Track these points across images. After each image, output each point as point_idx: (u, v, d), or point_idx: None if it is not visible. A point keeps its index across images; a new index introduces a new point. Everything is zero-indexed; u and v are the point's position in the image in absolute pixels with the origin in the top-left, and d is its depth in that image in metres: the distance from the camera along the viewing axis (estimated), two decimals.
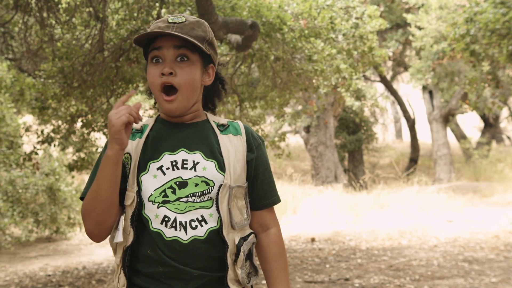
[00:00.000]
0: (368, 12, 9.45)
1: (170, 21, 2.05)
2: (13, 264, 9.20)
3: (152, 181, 2.04)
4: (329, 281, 7.11)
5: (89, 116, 8.38)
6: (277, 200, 2.21)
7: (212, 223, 2.02)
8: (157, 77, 2.04)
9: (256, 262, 2.16)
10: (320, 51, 7.99)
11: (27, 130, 10.00)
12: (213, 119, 2.18)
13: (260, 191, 2.16)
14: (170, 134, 2.11)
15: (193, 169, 2.04)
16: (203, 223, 2.02)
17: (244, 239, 2.08)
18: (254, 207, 2.16)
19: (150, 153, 2.08)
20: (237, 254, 2.06)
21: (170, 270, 2.00)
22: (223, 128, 2.14)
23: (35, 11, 7.41)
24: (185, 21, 2.06)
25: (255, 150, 2.14)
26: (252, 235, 2.13)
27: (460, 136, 25.04)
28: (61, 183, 10.61)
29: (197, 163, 2.04)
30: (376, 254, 8.63)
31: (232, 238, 2.05)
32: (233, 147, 2.09)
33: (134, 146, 2.10)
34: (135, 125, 2.13)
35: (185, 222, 2.00)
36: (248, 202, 2.14)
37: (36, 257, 9.74)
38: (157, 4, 6.98)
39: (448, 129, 22.99)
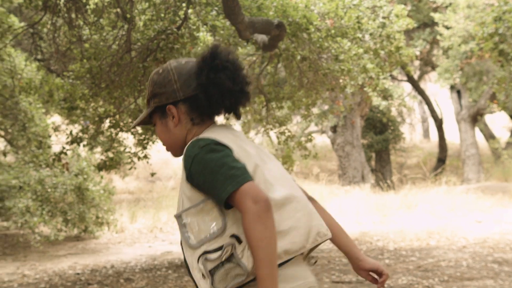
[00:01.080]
0: (395, 11, 9.40)
1: None
2: (42, 262, 9.30)
3: None
4: (356, 281, 7.09)
5: (117, 116, 8.45)
6: (221, 195, 2.02)
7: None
8: None
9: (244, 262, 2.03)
10: (346, 50, 7.96)
11: (55, 130, 10.11)
12: None
13: (212, 197, 2.08)
14: None
15: None
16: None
17: (208, 252, 2.05)
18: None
19: None
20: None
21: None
22: None
23: (64, 12, 7.49)
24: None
25: (187, 169, 2.09)
26: (231, 238, 2.04)
27: (489, 136, 24.73)
28: (89, 182, 10.70)
29: None
30: (404, 255, 8.57)
31: (194, 257, 2.08)
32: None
33: None
34: None
35: None
36: (221, 209, 2.07)
37: (65, 256, 9.84)
38: (184, 5, 7.00)
39: (477, 129, 22.72)
